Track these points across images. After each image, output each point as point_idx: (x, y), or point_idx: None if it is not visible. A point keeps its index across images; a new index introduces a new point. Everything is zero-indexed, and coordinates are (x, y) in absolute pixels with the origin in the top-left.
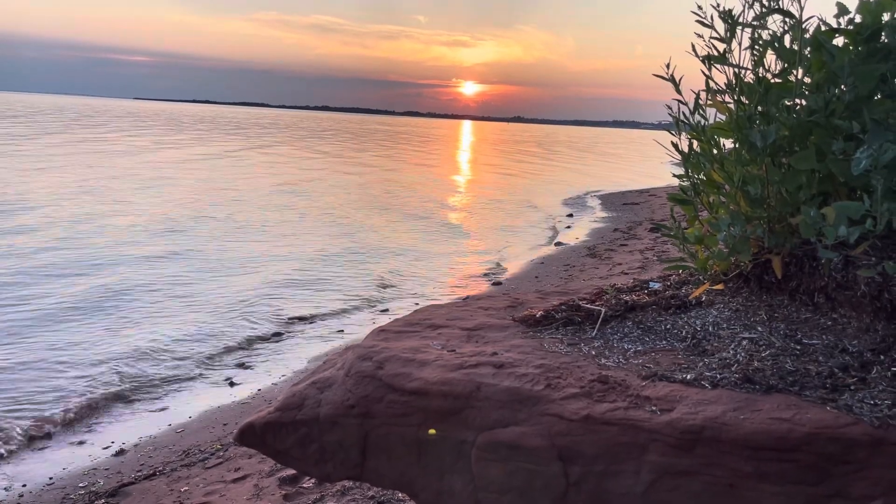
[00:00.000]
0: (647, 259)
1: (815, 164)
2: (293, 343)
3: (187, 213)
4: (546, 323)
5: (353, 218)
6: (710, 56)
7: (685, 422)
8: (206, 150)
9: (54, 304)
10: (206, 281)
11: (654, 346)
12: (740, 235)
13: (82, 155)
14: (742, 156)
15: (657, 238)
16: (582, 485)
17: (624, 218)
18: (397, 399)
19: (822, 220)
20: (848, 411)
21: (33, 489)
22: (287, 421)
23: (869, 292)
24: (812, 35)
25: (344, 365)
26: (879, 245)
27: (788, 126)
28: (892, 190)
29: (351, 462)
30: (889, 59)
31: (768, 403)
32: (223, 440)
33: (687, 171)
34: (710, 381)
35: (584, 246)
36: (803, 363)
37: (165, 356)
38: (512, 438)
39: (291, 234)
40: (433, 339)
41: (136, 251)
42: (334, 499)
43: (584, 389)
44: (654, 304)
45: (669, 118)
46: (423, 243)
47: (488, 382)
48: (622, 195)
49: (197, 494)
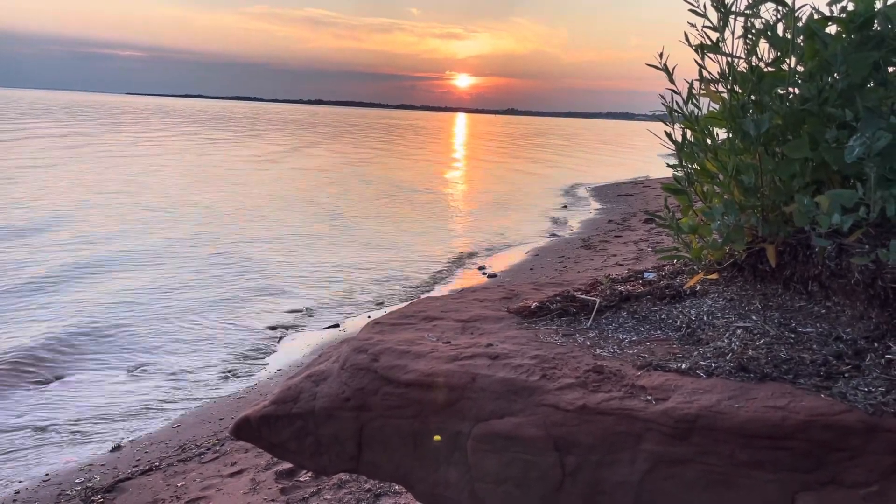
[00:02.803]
0: (642, 250)
1: (808, 153)
2: (288, 337)
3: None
4: (541, 314)
5: (347, 210)
6: (703, 45)
7: (680, 411)
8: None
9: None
10: (201, 275)
11: (649, 335)
12: (734, 224)
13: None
14: (735, 145)
15: (651, 229)
16: (578, 475)
17: (618, 209)
18: (393, 391)
19: (815, 209)
20: (842, 399)
21: (29, 485)
22: (283, 414)
23: (863, 280)
24: (805, 23)
25: (339, 358)
26: (873, 233)
27: (782, 115)
28: (885, 177)
29: (347, 455)
30: (882, 46)
31: (763, 392)
32: (219, 435)
33: (681, 161)
34: (704, 370)
35: (578, 237)
36: (797, 351)
37: (160, 350)
38: (508, 429)
39: (289, 228)
40: (428, 332)
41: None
42: (331, 492)
43: (579, 380)
44: (649, 295)
45: (663, 109)
46: (418, 235)
47: (484, 374)
48: (616, 186)
49: (194, 489)
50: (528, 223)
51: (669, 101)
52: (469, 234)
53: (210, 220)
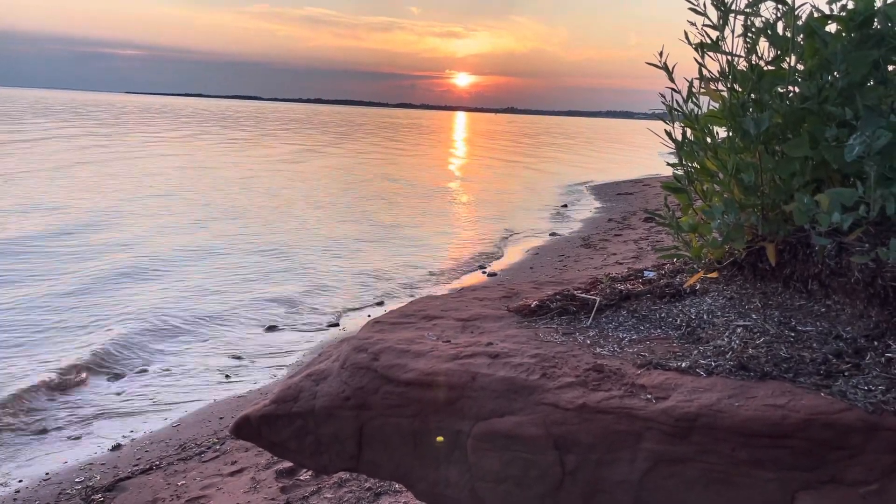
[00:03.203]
0: (642, 248)
1: (808, 152)
2: (288, 336)
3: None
4: (541, 313)
5: (350, 209)
6: (703, 44)
7: (680, 409)
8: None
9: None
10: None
11: (649, 334)
12: (734, 223)
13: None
14: (735, 143)
15: (651, 227)
16: (578, 473)
17: (618, 208)
18: (393, 390)
19: (815, 207)
20: (842, 397)
21: (30, 484)
22: (283, 413)
23: (862, 279)
24: (805, 22)
25: (339, 357)
26: (873, 231)
27: (781, 113)
28: (885, 176)
29: (347, 454)
30: (882, 45)
31: (763, 390)
32: (219, 434)
33: (681, 160)
34: (704, 368)
35: (578, 236)
36: (797, 350)
37: (161, 349)
38: (508, 428)
39: (286, 224)
40: (428, 331)
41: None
42: (331, 490)
43: (579, 378)
44: (649, 293)
45: (663, 108)
46: (418, 234)
47: (484, 372)
48: (616, 185)
49: (194, 488)
50: (528, 222)
51: (669, 99)
52: (470, 232)
53: (213, 220)
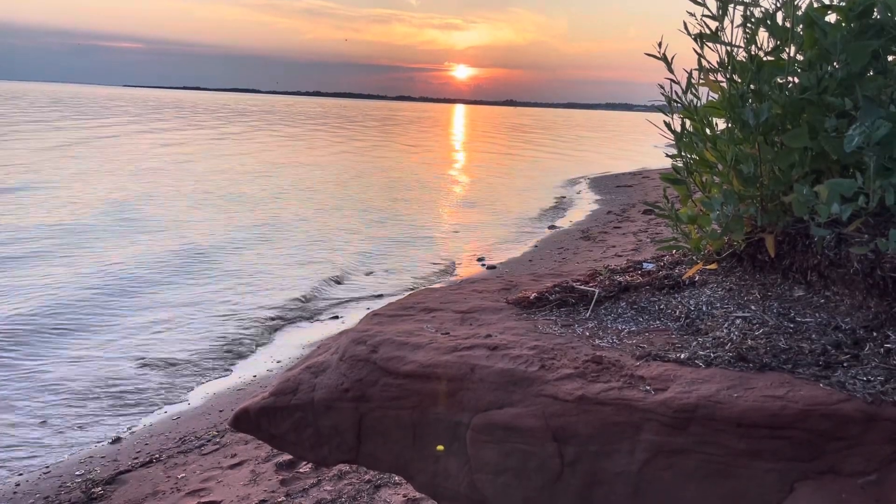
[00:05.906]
0: (641, 241)
1: (807, 142)
2: (288, 328)
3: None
4: (540, 305)
5: (347, 202)
6: (702, 34)
7: (679, 401)
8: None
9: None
10: (198, 266)
11: (648, 326)
12: (733, 214)
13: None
14: (735, 134)
15: (650, 220)
16: (577, 465)
17: (617, 200)
18: (392, 382)
19: (814, 198)
20: (841, 388)
21: (30, 478)
22: (282, 406)
23: (861, 269)
24: (804, 12)
25: (338, 349)
26: (872, 222)
27: (781, 104)
28: (884, 167)
29: (346, 446)
30: (881, 35)
31: (762, 381)
32: (219, 426)
33: (680, 151)
34: (703, 359)
35: (577, 229)
36: (796, 341)
37: (158, 344)
38: (507, 420)
39: (283, 217)
40: (427, 323)
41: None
42: (331, 483)
43: (578, 370)
44: (648, 285)
45: (662, 99)
46: (417, 227)
47: (482, 364)
48: (615, 178)
49: (194, 481)
50: (527, 215)
51: (668, 90)
52: (469, 225)
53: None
